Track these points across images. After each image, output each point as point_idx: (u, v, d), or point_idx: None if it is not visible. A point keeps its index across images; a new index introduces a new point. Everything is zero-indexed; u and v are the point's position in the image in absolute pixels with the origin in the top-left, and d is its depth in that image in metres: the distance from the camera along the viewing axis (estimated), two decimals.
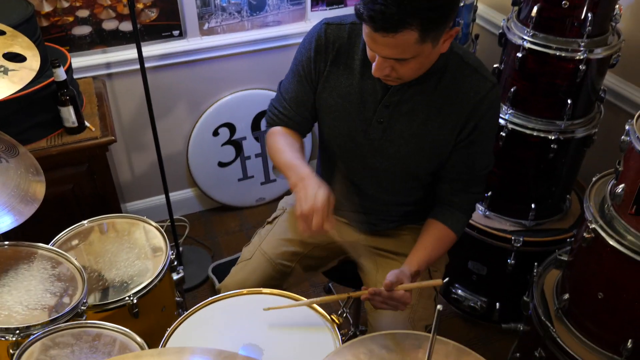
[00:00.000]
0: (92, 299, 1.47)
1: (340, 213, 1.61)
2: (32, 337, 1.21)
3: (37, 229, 1.55)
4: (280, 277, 1.59)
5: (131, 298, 1.46)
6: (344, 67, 1.39)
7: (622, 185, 1.40)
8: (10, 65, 1.33)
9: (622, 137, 1.41)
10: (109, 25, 2.21)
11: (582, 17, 1.65)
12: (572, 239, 1.71)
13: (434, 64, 1.30)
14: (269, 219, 1.70)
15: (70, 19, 2.14)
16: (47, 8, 2.09)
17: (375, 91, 1.38)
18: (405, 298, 1.29)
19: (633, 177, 1.37)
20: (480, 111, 1.34)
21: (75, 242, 1.63)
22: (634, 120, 1.40)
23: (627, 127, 1.40)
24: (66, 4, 2.11)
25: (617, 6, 1.70)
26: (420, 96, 1.36)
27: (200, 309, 1.34)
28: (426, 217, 1.52)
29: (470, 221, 2.03)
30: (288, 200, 1.75)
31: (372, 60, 1.25)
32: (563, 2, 1.64)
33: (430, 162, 1.44)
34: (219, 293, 1.41)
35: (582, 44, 1.68)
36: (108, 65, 2.27)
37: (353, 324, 2.02)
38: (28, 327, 1.24)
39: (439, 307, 0.75)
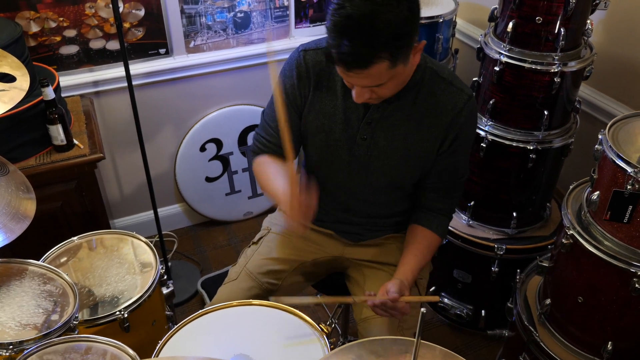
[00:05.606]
0: (82, 315, 1.48)
1: (326, 225, 1.65)
2: (25, 352, 1.22)
3: (26, 246, 1.56)
4: (266, 296, 1.60)
5: (122, 312, 1.48)
6: (327, 90, 1.43)
7: (597, 193, 1.45)
8: (0, 85, 1.35)
9: (596, 146, 1.46)
10: (96, 44, 2.24)
11: (556, 32, 1.71)
12: (553, 246, 1.75)
13: (410, 79, 1.36)
14: (254, 240, 1.72)
15: (58, 38, 2.17)
16: (34, 28, 2.12)
17: (357, 109, 1.42)
18: (405, 309, 1.35)
19: (607, 184, 1.42)
20: (458, 123, 1.40)
21: (64, 259, 1.64)
22: (606, 129, 1.45)
23: (599, 137, 1.45)
24: (53, 24, 2.14)
25: (588, 21, 1.77)
26: (400, 112, 1.41)
27: (191, 321, 1.37)
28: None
29: (455, 230, 2.08)
30: (272, 220, 1.76)
31: (351, 87, 1.30)
32: (537, 18, 1.71)
33: (414, 174, 1.49)
34: None
35: (556, 57, 1.74)
36: (95, 83, 2.29)
37: (342, 334, 2.04)
38: (21, 342, 1.25)
39: (422, 310, 0.79)
